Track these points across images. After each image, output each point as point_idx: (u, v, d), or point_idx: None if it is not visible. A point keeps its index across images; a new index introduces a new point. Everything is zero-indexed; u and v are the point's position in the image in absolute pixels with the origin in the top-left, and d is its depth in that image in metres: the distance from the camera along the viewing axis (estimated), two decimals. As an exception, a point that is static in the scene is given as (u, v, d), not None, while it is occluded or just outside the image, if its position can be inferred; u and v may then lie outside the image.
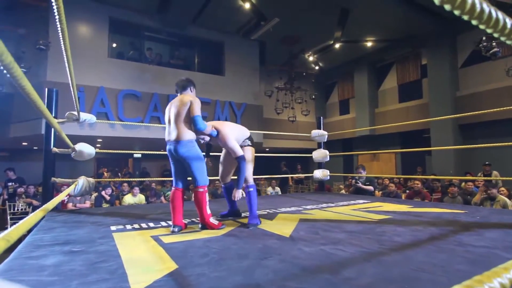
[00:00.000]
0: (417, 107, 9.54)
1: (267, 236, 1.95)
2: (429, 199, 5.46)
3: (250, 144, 2.45)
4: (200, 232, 2.11)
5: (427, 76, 9.12)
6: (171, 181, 7.65)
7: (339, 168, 12.11)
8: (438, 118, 3.85)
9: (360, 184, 4.90)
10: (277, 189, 7.19)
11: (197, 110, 2.11)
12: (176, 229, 2.09)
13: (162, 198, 5.87)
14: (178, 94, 2.25)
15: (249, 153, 2.40)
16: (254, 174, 2.43)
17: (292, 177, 10.14)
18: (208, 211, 2.16)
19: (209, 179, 2.25)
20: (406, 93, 10.15)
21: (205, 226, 2.15)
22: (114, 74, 7.66)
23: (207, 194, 2.17)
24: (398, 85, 10.49)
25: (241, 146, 2.36)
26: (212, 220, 2.17)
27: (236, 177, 2.31)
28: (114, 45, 8.56)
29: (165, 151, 2.22)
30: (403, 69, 10.29)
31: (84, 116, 3.12)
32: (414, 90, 9.88)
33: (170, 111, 2.20)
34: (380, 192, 6.29)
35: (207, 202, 2.17)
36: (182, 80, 2.25)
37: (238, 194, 2.26)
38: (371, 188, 4.93)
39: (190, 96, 2.17)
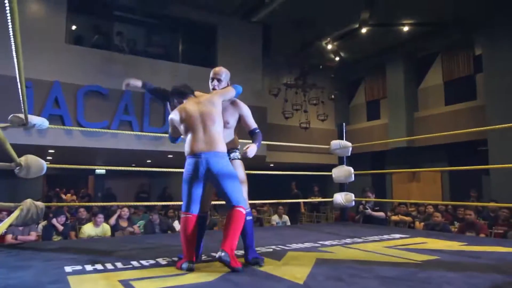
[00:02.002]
0: (470, 111, 9.58)
1: (275, 283, 1.93)
2: (487, 234, 5.42)
3: (240, 157, 2.52)
4: (185, 275, 2.08)
5: (483, 71, 9.18)
6: (146, 206, 7.51)
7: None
8: (499, 126, 3.82)
9: (369, 211, 4.96)
10: (285, 218, 7.16)
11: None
12: (188, 266, 2.17)
13: (135, 227, 5.83)
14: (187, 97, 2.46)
15: (242, 170, 2.46)
16: (254, 198, 2.42)
17: (305, 202, 10.10)
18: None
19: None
20: (455, 93, 10.20)
21: (227, 256, 2.10)
22: (73, 65, 7.73)
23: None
24: (444, 82, 10.55)
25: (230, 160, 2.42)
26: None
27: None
28: (74, 27, 8.65)
29: (137, 165, 2.23)
30: (450, 61, 10.37)
31: (33, 119, 3.12)
32: (465, 88, 9.94)
33: (194, 112, 2.33)
34: (422, 223, 6.26)
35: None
36: None
37: (253, 148, 2.43)
38: (382, 214, 5.05)
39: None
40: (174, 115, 2.38)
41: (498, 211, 6.02)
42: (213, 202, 9.02)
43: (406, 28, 9.95)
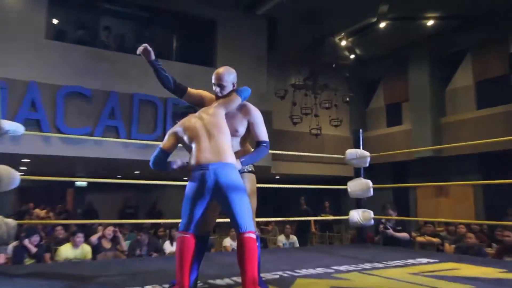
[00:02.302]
0: (506, 115, 9.56)
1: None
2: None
3: (252, 169, 2.52)
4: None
5: (519, 70, 9.17)
6: (133, 225, 7.46)
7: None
8: None
9: (391, 231, 4.91)
10: (293, 238, 7.11)
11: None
12: None
13: (121, 247, 5.78)
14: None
15: (252, 184, 2.47)
16: (257, 215, 2.43)
17: (316, 220, 10.01)
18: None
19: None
20: (488, 95, 10.20)
21: None
22: (53, 63, 7.77)
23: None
24: (475, 83, 10.55)
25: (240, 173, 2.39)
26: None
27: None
28: (55, 21, 8.71)
29: (123, 177, 2.21)
30: (482, 59, 10.39)
31: (6, 125, 3.12)
32: (500, 90, 9.91)
33: (198, 123, 2.38)
34: (453, 246, 6.18)
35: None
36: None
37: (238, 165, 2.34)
38: (406, 235, 5.02)
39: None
40: (177, 125, 2.42)
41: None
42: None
43: (430, 22, 9.97)
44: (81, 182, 12.83)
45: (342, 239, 10.03)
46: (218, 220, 7.38)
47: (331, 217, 6.61)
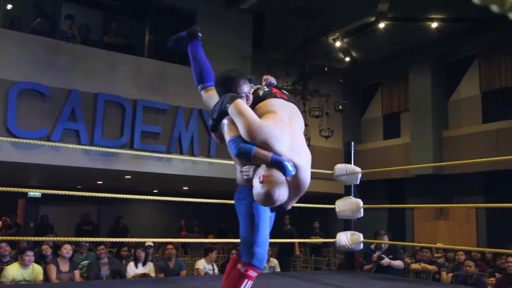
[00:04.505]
0: (513, 131, 9.75)
1: None
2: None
3: None
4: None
5: (529, 81, 9.43)
6: (94, 243, 7.40)
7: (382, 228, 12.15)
8: None
9: (387, 260, 5.04)
10: (274, 262, 7.15)
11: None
12: None
13: (76, 272, 5.76)
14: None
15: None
16: (235, 235, 2.47)
17: (301, 242, 10.08)
18: None
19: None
20: (496, 107, 10.38)
21: None
22: (6, 56, 7.69)
23: (247, 281, 2.25)
24: (481, 93, 10.76)
25: None
26: None
27: None
28: (9, 6, 8.66)
29: (83, 188, 2.25)
30: (490, 67, 10.57)
31: None
32: (509, 102, 10.14)
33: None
34: (451, 274, 6.32)
35: None
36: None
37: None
38: (400, 263, 5.16)
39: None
40: None
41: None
42: (181, 240, 8.78)
43: (435, 25, 10.13)
44: (35, 193, 12.66)
45: (330, 264, 10.12)
46: (191, 240, 7.37)
47: (315, 240, 6.67)
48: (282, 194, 2.03)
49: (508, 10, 0.69)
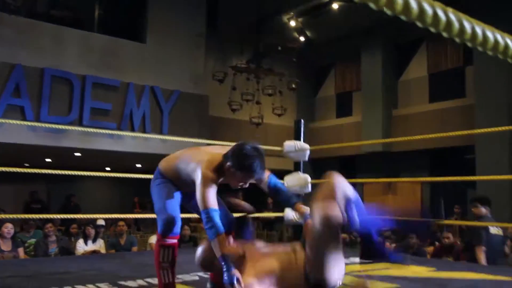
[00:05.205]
0: (458, 110, 10.11)
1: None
2: (467, 259, 5.78)
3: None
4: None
5: (473, 63, 9.78)
6: (42, 221, 7.23)
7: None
8: (488, 130, 4.07)
9: None
10: (227, 238, 7.25)
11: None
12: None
13: (20, 250, 5.65)
14: None
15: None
16: (182, 211, 2.53)
17: (254, 217, 10.20)
18: (165, 279, 2.31)
19: None
20: (441, 88, 10.75)
21: None
22: None
23: (164, 249, 2.33)
24: (429, 74, 11.11)
25: None
26: None
27: None
28: None
29: (31, 166, 2.24)
30: (437, 49, 10.88)
31: None
32: (454, 83, 10.51)
33: None
34: (394, 244, 6.54)
35: (165, 260, 2.31)
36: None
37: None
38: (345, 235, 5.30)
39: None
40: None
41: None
42: (132, 216, 8.77)
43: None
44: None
45: (282, 238, 10.30)
46: (144, 216, 7.28)
47: (267, 214, 6.78)
48: None
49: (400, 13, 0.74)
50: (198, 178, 2.25)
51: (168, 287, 2.30)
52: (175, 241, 2.34)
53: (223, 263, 2.10)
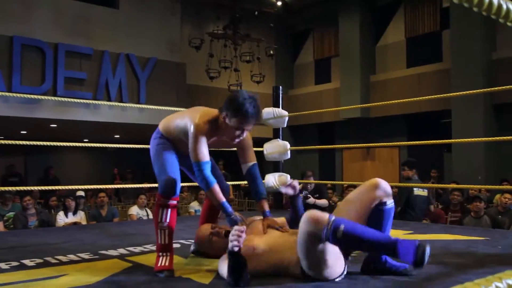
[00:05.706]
0: (434, 75, 10.24)
1: (175, 283, 2.06)
2: (444, 221, 5.95)
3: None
4: (58, 278, 2.12)
5: (449, 27, 9.82)
6: (19, 193, 7.15)
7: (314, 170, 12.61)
8: (463, 92, 4.15)
9: (312, 199, 5.29)
10: (208, 205, 7.29)
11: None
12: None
13: (0, 224, 5.60)
14: None
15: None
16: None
17: (234, 185, 10.26)
18: (162, 240, 2.29)
19: None
20: (419, 53, 10.82)
21: None
22: None
23: (163, 210, 2.32)
24: (406, 38, 11.13)
25: None
26: (163, 261, 2.26)
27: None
28: None
29: (6, 138, 2.15)
30: (414, 13, 10.91)
31: None
32: (430, 47, 10.57)
33: None
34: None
35: (164, 221, 2.29)
36: None
37: None
38: (325, 201, 5.53)
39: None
40: None
41: (458, 194, 6.58)
42: (112, 186, 8.71)
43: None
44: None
45: (263, 206, 10.43)
46: (123, 186, 7.23)
47: (245, 182, 6.80)
48: None
49: None
50: (190, 130, 2.32)
51: (165, 248, 2.29)
52: (174, 202, 2.35)
53: (223, 210, 2.29)
